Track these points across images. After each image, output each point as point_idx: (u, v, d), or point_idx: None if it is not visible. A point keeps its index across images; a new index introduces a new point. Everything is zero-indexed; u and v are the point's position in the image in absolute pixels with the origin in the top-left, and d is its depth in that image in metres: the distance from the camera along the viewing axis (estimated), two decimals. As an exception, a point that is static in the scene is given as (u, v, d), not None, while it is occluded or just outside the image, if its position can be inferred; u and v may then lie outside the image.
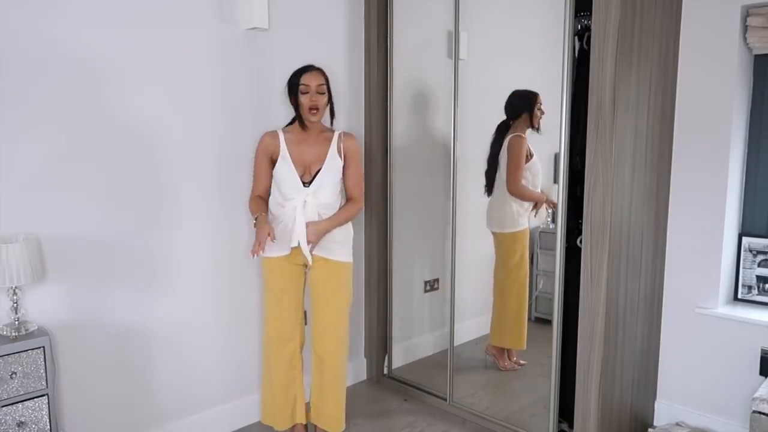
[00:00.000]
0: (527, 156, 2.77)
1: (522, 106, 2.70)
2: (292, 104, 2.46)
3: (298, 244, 2.42)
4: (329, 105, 2.49)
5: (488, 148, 2.85)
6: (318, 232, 2.44)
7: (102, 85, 2.25)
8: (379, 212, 3.21)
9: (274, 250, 2.45)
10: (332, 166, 2.47)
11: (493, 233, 2.97)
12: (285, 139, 2.46)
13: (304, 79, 2.40)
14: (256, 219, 2.39)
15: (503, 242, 2.97)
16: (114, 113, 2.30)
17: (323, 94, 2.43)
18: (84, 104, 2.21)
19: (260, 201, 2.49)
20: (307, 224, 2.43)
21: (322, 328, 2.58)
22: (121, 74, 2.30)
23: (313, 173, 2.45)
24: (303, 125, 2.46)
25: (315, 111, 2.41)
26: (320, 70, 2.44)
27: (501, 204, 2.90)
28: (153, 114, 2.41)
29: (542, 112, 2.63)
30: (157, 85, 2.40)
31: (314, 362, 2.63)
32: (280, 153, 2.44)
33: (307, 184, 2.44)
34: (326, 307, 2.56)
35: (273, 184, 2.50)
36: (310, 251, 2.45)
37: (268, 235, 2.31)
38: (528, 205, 2.85)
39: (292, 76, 2.45)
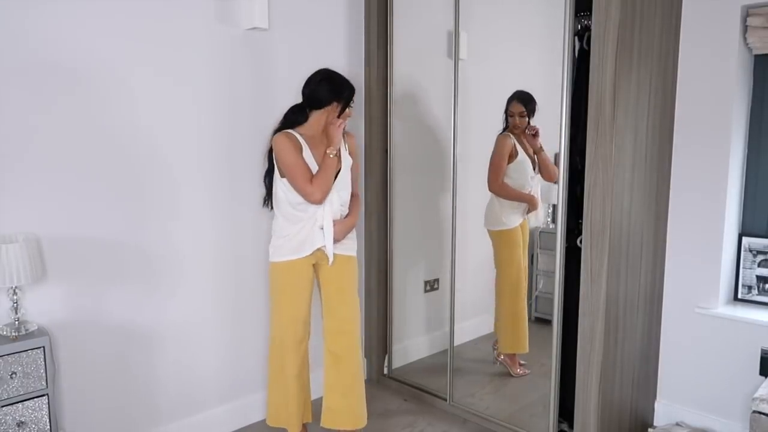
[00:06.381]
0: (511, 155, 2.77)
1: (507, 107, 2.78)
2: (312, 107, 2.43)
3: (324, 246, 2.43)
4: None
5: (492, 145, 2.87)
6: (344, 230, 2.48)
7: (102, 85, 2.25)
8: (379, 212, 3.21)
9: (294, 253, 2.43)
10: (347, 165, 2.50)
11: (487, 230, 2.99)
12: (301, 139, 2.41)
13: (355, 97, 2.48)
14: (332, 154, 2.39)
15: (492, 240, 2.99)
16: (114, 113, 2.29)
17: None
18: (84, 105, 2.21)
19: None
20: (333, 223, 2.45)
21: (337, 326, 2.54)
22: (120, 74, 2.30)
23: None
24: (304, 123, 2.45)
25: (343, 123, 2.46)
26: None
27: (489, 201, 2.92)
28: (153, 114, 2.40)
29: (522, 117, 2.71)
30: (156, 84, 2.40)
31: (328, 361, 2.56)
32: (304, 153, 2.40)
33: None
34: (341, 304, 2.54)
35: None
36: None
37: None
38: (517, 206, 2.85)
39: (336, 87, 2.42)
